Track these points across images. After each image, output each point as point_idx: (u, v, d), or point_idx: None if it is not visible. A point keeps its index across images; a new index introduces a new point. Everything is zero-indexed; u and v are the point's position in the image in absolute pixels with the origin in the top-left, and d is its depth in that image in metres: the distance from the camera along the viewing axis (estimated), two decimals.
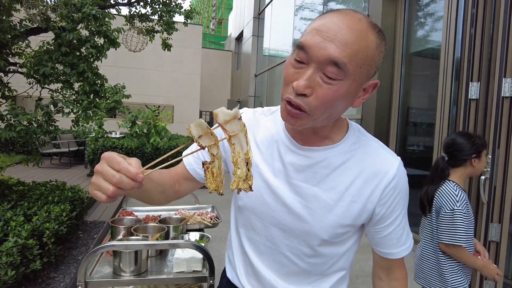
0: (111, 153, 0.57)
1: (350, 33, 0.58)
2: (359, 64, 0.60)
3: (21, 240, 2.35)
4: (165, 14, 4.10)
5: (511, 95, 2.29)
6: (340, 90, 0.60)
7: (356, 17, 0.61)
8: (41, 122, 3.20)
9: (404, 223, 0.77)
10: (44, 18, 3.22)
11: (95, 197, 0.56)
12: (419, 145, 4.51)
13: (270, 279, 0.81)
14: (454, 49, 3.72)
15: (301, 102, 0.61)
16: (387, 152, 0.75)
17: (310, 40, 0.60)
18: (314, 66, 0.60)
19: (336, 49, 0.58)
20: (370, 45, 0.60)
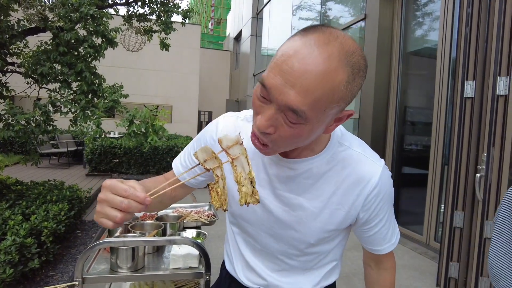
0: (112, 181, 0.58)
1: (314, 78, 0.52)
2: (322, 108, 0.55)
3: (20, 238, 2.36)
4: (163, 14, 4.11)
5: (506, 93, 2.30)
6: (303, 132, 0.58)
7: (326, 52, 0.53)
8: (39, 121, 3.21)
9: (389, 223, 0.79)
10: (42, 18, 3.23)
11: (102, 225, 0.58)
12: (416, 144, 4.53)
13: (266, 275, 0.85)
14: (450, 48, 3.74)
15: (265, 139, 0.60)
16: (370, 158, 0.73)
17: (271, 81, 0.55)
18: (275, 107, 0.56)
19: (295, 96, 0.53)
20: (337, 86, 0.54)
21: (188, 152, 0.88)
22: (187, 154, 0.89)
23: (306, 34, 0.55)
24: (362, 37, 5.28)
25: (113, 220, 0.56)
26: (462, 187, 2.61)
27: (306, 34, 0.55)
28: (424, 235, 3.95)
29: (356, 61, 0.55)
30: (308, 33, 0.56)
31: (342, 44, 0.54)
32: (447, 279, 2.70)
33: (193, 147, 0.87)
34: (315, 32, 0.55)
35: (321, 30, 0.56)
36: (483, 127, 2.49)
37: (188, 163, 0.87)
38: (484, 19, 2.52)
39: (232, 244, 0.91)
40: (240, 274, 0.89)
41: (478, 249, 2.42)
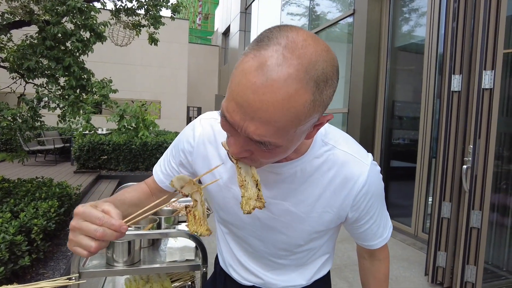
0: (85, 208, 0.55)
1: (273, 109, 0.47)
2: (290, 132, 0.51)
3: (9, 236, 2.32)
4: (152, 8, 4.05)
5: (491, 87, 2.37)
6: (278, 153, 0.55)
7: (281, 76, 0.46)
8: (26, 117, 3.14)
9: (380, 218, 0.78)
10: (26, 11, 3.15)
11: (76, 253, 0.55)
12: (404, 137, 4.62)
13: (260, 274, 0.85)
14: (437, 43, 3.82)
15: (244, 160, 0.58)
16: (357, 157, 0.70)
17: (231, 116, 0.51)
18: (243, 135, 0.52)
19: (256, 130, 0.49)
20: (302, 109, 0.48)
21: (168, 159, 0.86)
22: (166, 161, 0.86)
23: (259, 51, 0.48)
24: (350, 33, 5.32)
25: (88, 249, 0.53)
26: (450, 178, 2.68)
27: (258, 51, 0.48)
28: (413, 227, 4.04)
29: (320, 72, 0.48)
30: (261, 47, 0.48)
31: (300, 58, 0.47)
32: (435, 268, 2.78)
33: (172, 153, 0.85)
34: (268, 47, 0.48)
35: (274, 43, 0.48)
36: (470, 120, 2.56)
37: (169, 170, 0.85)
38: (470, 14, 2.58)
39: (223, 243, 0.91)
40: (234, 273, 0.88)
41: (465, 238, 2.50)
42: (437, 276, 2.79)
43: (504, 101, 2.92)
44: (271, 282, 0.84)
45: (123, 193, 0.81)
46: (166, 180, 0.86)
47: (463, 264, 2.51)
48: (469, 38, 2.59)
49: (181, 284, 1.73)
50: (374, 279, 0.87)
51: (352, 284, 2.85)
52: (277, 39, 0.48)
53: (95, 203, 0.58)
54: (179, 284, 1.73)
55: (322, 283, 0.90)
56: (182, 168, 0.83)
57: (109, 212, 0.55)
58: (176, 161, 0.83)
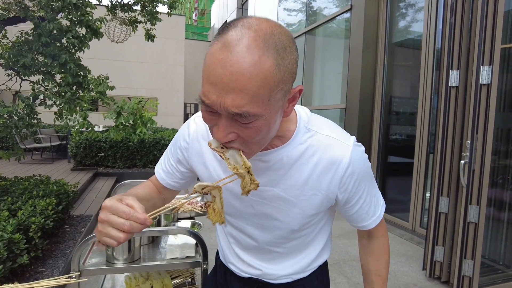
0: (112, 202, 0.59)
1: (242, 77, 0.51)
2: (265, 99, 0.54)
3: (7, 234, 2.31)
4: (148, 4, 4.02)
5: (488, 82, 2.38)
6: (261, 125, 0.57)
7: (243, 47, 0.51)
8: (22, 115, 3.11)
9: (370, 197, 0.80)
10: (21, 7, 3.11)
11: (106, 244, 0.59)
12: (402, 133, 4.63)
13: (259, 266, 0.87)
14: (435, 39, 3.81)
15: (233, 145, 0.60)
16: (339, 139, 0.72)
17: (207, 98, 0.54)
18: (223, 115, 0.56)
19: (233, 102, 0.52)
20: (269, 74, 0.52)
21: (167, 157, 0.90)
22: (166, 159, 0.91)
23: (221, 36, 0.54)
24: (348, 28, 5.31)
25: (118, 240, 0.58)
26: (447, 173, 2.69)
27: (220, 36, 0.54)
28: (410, 222, 4.06)
29: (277, 40, 0.54)
30: (222, 34, 0.54)
31: (257, 32, 0.53)
32: (432, 263, 2.81)
33: (170, 152, 0.89)
34: (228, 30, 0.54)
35: (233, 26, 0.54)
36: (467, 115, 2.56)
37: (169, 168, 0.89)
38: (468, 10, 2.57)
39: (222, 237, 0.93)
40: (232, 266, 0.91)
41: (462, 233, 2.52)
42: (434, 270, 2.81)
43: (501, 97, 2.94)
44: (268, 273, 0.86)
45: (134, 189, 0.85)
46: (167, 178, 0.90)
47: (461, 258, 2.53)
48: (466, 33, 2.59)
49: (181, 281, 1.73)
50: (372, 257, 0.88)
51: (350, 279, 2.86)
52: (235, 25, 0.55)
53: (120, 197, 0.62)
54: (179, 281, 1.73)
55: (320, 275, 0.92)
56: (180, 165, 0.88)
57: (133, 206, 0.59)
58: (174, 158, 0.88)
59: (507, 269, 2.91)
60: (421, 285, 2.81)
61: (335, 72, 5.91)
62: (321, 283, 0.92)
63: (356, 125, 4.85)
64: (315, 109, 6.19)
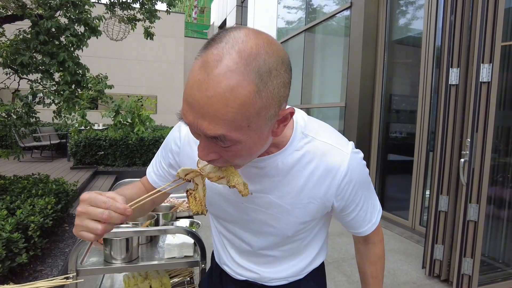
0: (91, 194, 0.57)
1: (217, 103, 0.47)
2: (243, 125, 0.50)
3: (6, 234, 2.31)
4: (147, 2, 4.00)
5: (488, 80, 2.37)
6: (240, 150, 0.54)
7: (221, 70, 0.47)
8: (20, 113, 3.10)
9: (367, 205, 0.79)
10: (19, 5, 3.09)
11: (82, 238, 0.56)
12: (401, 131, 4.62)
13: (253, 269, 0.86)
14: (435, 36, 3.80)
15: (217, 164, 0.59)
16: (337, 146, 0.70)
17: (186, 117, 0.52)
18: (203, 136, 0.53)
19: (208, 126, 0.49)
20: (247, 101, 0.48)
21: (159, 160, 0.88)
22: (158, 162, 0.89)
23: (204, 52, 0.50)
24: (347, 26, 5.29)
25: (95, 232, 0.55)
26: (447, 172, 2.69)
27: (203, 52, 0.50)
28: (410, 220, 4.06)
29: (261, 63, 0.48)
30: (205, 50, 0.50)
31: (240, 52, 0.47)
32: (432, 261, 2.80)
33: (162, 155, 0.87)
34: (211, 47, 0.49)
35: (217, 41, 0.49)
36: (467, 114, 2.55)
37: (160, 171, 0.88)
38: (468, 7, 2.56)
39: (218, 240, 0.92)
40: (227, 268, 0.90)
41: (462, 231, 2.52)
42: (434, 269, 2.81)
43: (501, 95, 2.92)
44: (264, 276, 0.85)
45: (122, 189, 0.83)
46: (159, 181, 0.89)
47: (460, 257, 2.52)
48: (467, 31, 2.58)
49: (180, 280, 1.73)
50: (369, 263, 0.88)
51: (350, 277, 2.86)
52: (220, 39, 0.50)
53: (100, 192, 0.59)
54: (178, 280, 1.72)
55: (316, 277, 0.91)
56: (172, 169, 0.86)
57: (114, 198, 0.57)
58: (166, 162, 0.86)
59: (507, 267, 2.90)
60: (420, 283, 2.81)
61: (334, 70, 5.89)
62: (317, 285, 0.92)
63: (355, 123, 4.84)
64: (314, 107, 6.18)
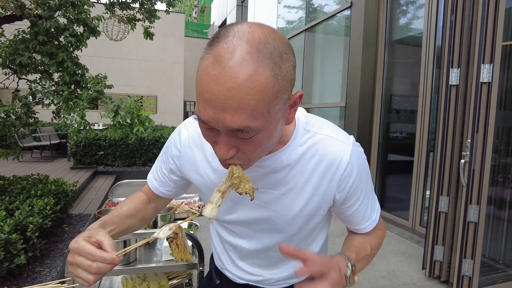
0: (78, 244, 0.59)
1: (238, 93, 0.48)
2: (264, 112, 0.51)
3: (4, 235, 2.30)
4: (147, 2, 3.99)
5: (489, 81, 2.35)
6: (262, 139, 0.55)
7: (236, 61, 0.48)
8: (19, 114, 3.10)
9: (367, 200, 0.78)
10: (18, 5, 3.09)
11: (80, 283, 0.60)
12: (402, 131, 4.61)
13: (256, 272, 0.85)
14: (435, 36, 3.79)
15: (233, 161, 0.58)
16: (338, 138, 0.71)
17: (204, 115, 0.52)
18: (223, 132, 0.53)
19: (231, 118, 0.50)
20: (266, 86, 0.49)
21: (159, 165, 0.88)
22: (158, 168, 0.89)
23: (212, 49, 0.51)
24: (348, 25, 5.28)
25: (88, 281, 0.58)
26: (447, 172, 2.67)
27: (211, 49, 0.51)
28: (410, 221, 4.05)
29: (272, 49, 0.50)
30: (212, 46, 0.51)
31: (249, 42, 0.49)
32: (432, 262, 2.79)
33: (162, 160, 0.87)
34: (219, 42, 0.50)
35: (223, 37, 0.51)
36: (467, 114, 2.54)
37: (161, 177, 0.87)
38: (468, 7, 2.55)
39: (218, 245, 0.91)
40: (229, 273, 0.89)
41: (462, 232, 2.50)
42: (434, 270, 2.80)
43: (502, 95, 2.91)
44: (267, 278, 0.85)
45: (120, 206, 0.84)
46: (160, 187, 0.88)
47: (460, 258, 2.51)
48: (467, 31, 2.56)
49: (178, 282, 1.72)
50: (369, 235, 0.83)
51: None
52: (226, 34, 0.51)
53: (90, 234, 0.61)
54: (177, 281, 1.72)
55: None
56: (173, 175, 0.85)
57: (102, 243, 0.59)
58: (167, 168, 0.85)
59: (507, 269, 2.89)
60: (420, 284, 2.80)
61: (335, 70, 5.88)
62: None
63: (356, 123, 4.83)
64: (315, 107, 6.17)
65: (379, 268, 3.03)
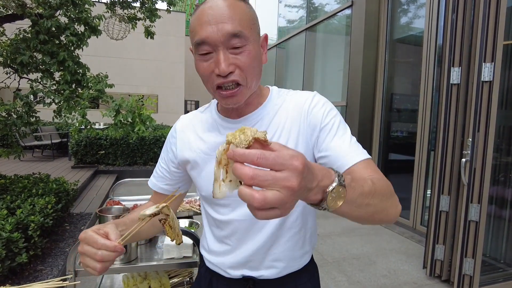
0: (86, 233, 0.64)
1: (228, 9, 0.68)
2: (249, 26, 0.70)
3: (6, 233, 2.31)
4: (147, 1, 3.99)
5: (490, 80, 2.35)
6: (252, 51, 0.71)
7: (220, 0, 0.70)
8: (21, 113, 3.10)
9: (346, 135, 0.76)
10: (19, 4, 3.09)
11: (89, 273, 0.64)
12: (402, 130, 4.61)
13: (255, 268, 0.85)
14: (436, 35, 3.78)
15: (233, 78, 0.70)
16: (302, 92, 0.86)
17: (207, 32, 0.68)
18: (221, 48, 0.68)
19: (229, 25, 0.67)
20: (245, 10, 0.71)
21: (158, 164, 0.97)
22: (158, 166, 0.96)
23: (198, 7, 0.72)
24: (348, 25, 5.27)
25: (94, 269, 0.62)
26: (448, 171, 2.67)
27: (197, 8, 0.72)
28: (411, 220, 4.05)
29: None
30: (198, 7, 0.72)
31: None
32: (433, 261, 2.79)
33: (161, 157, 0.96)
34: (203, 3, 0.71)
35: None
36: (468, 113, 2.54)
37: (160, 172, 0.95)
38: (470, 6, 2.54)
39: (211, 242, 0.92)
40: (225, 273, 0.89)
41: (463, 232, 2.50)
42: (435, 269, 2.80)
43: (503, 94, 2.91)
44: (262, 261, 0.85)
45: (131, 213, 0.90)
46: (158, 182, 0.95)
47: (461, 257, 2.51)
48: (468, 30, 2.56)
49: (179, 280, 1.72)
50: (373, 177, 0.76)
51: (351, 277, 2.85)
52: None
53: (98, 226, 0.67)
54: (177, 280, 1.72)
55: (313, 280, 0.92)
56: (170, 164, 0.92)
57: (107, 234, 0.65)
58: (166, 158, 0.93)
59: (508, 268, 2.89)
60: (421, 283, 2.80)
61: (336, 69, 5.87)
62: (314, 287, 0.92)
63: (357, 123, 4.82)
64: None
65: (380, 267, 3.03)
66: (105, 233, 0.65)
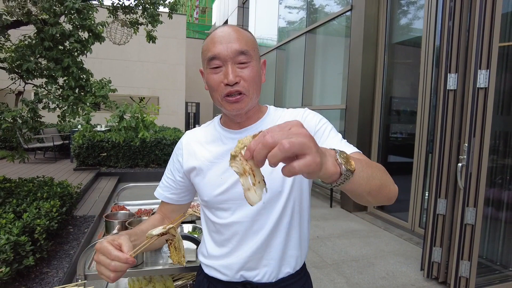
0: (102, 244, 0.70)
1: (236, 33, 0.82)
2: (252, 48, 0.84)
3: (13, 237, 2.37)
4: (149, 6, 4.05)
5: (486, 86, 2.40)
6: (254, 68, 0.83)
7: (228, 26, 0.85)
8: (26, 118, 3.16)
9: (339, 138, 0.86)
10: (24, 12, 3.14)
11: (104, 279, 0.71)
12: (401, 133, 4.66)
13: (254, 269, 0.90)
14: (434, 39, 3.83)
15: (238, 88, 0.81)
16: (295, 109, 0.96)
17: (218, 49, 0.81)
18: (229, 62, 0.81)
19: (236, 44, 0.81)
20: (249, 36, 0.86)
21: (165, 175, 1.04)
22: (164, 177, 1.04)
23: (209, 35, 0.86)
24: (348, 28, 5.33)
25: (108, 277, 0.68)
26: (445, 175, 2.73)
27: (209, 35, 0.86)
28: (409, 222, 4.10)
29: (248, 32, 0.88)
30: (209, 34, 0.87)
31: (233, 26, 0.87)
32: (430, 263, 2.85)
33: (168, 169, 1.04)
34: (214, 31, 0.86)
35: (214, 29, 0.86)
36: (465, 119, 2.59)
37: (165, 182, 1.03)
38: (466, 13, 2.60)
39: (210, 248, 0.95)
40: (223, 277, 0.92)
41: (459, 235, 2.56)
42: (432, 271, 2.85)
43: (499, 99, 2.96)
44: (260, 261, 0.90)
45: (140, 224, 0.98)
46: (163, 192, 1.03)
47: (458, 259, 2.57)
48: (464, 37, 2.61)
49: (183, 283, 1.78)
50: None
51: (349, 279, 2.91)
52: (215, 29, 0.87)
53: (113, 237, 0.73)
54: (181, 282, 1.78)
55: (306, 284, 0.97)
56: (176, 173, 1.01)
57: (120, 245, 0.71)
58: (172, 169, 1.02)
59: (504, 270, 2.94)
60: (419, 285, 2.85)
61: (335, 72, 5.93)
62: None
63: (356, 125, 4.88)
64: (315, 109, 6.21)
65: (379, 269, 3.09)
66: (118, 245, 0.71)
